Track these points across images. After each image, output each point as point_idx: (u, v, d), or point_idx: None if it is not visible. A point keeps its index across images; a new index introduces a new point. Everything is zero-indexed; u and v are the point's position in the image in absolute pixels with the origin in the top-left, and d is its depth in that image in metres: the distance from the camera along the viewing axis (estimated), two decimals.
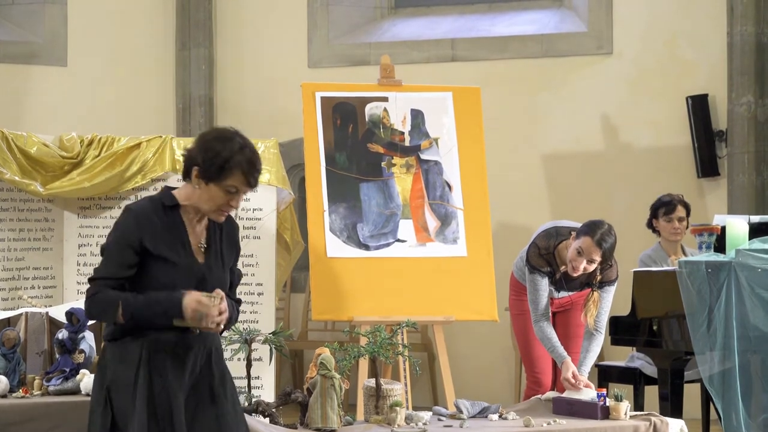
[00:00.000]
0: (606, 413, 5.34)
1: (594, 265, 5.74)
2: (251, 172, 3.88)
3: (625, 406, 5.34)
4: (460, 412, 5.38)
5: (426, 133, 7.14)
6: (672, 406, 5.99)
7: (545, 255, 5.92)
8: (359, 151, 7.03)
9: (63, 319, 5.74)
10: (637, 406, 6.50)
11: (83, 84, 9.49)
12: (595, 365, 6.30)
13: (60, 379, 5.56)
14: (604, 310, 5.89)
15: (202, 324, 3.84)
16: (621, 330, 6.33)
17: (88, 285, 3.89)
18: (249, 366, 5.35)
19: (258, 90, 9.59)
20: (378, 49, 9.13)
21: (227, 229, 4.04)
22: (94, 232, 6.85)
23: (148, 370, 3.85)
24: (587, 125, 9.03)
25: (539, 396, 5.83)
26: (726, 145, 8.64)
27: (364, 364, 6.28)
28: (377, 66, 7.35)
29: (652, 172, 8.80)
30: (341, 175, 6.95)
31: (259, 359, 6.27)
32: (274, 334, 5.45)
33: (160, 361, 3.86)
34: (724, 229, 6.04)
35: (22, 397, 5.52)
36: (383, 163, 7.04)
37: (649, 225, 6.86)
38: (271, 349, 5.44)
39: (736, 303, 5.53)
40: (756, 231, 6.12)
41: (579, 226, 5.81)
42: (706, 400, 6.69)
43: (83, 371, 5.55)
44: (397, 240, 6.92)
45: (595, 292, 5.83)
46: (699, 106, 8.67)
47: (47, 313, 5.87)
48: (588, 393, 5.55)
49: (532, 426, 5.19)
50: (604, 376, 6.76)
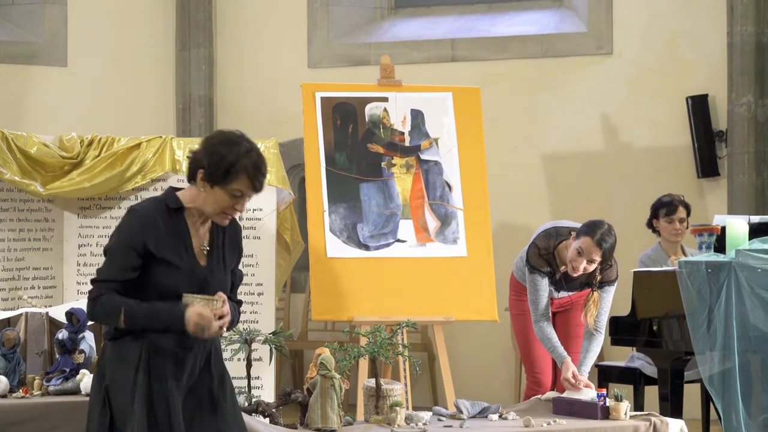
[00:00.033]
0: (606, 413, 5.33)
1: (594, 265, 5.74)
2: (257, 177, 3.87)
3: (625, 406, 5.33)
4: (460, 412, 5.38)
5: (426, 133, 7.14)
6: (672, 406, 5.99)
7: (545, 255, 5.92)
8: (359, 151, 7.03)
9: (63, 319, 5.73)
10: (637, 406, 6.50)
11: (83, 84, 9.48)
12: (595, 365, 6.30)
13: (60, 379, 5.55)
14: (604, 310, 5.89)
15: (204, 336, 3.86)
16: (621, 330, 6.33)
17: (91, 286, 3.89)
18: (249, 366, 5.34)
19: (258, 90, 9.59)
20: (378, 49, 9.13)
21: (230, 232, 4.04)
22: (94, 232, 6.85)
23: (148, 371, 3.85)
24: (587, 125, 9.03)
25: (539, 396, 5.83)
26: (726, 146, 8.64)
27: (364, 364, 6.27)
28: (377, 66, 7.35)
29: (652, 172, 8.80)
30: (341, 176, 6.95)
31: (259, 359, 6.27)
32: (274, 334, 5.44)
33: (159, 362, 3.86)
34: (724, 229, 6.04)
35: (22, 397, 5.51)
36: (383, 164, 7.04)
37: (649, 225, 6.86)
38: (271, 349, 5.44)
39: (736, 303, 5.53)
40: (756, 231, 6.12)
41: (579, 226, 5.81)
42: (706, 400, 6.69)
43: (83, 371, 5.55)
44: (397, 240, 6.91)
45: (595, 292, 5.83)
46: (699, 106, 8.67)
47: (47, 313, 5.87)
48: (588, 393, 5.55)
49: (532, 426, 5.18)
50: (604, 376, 6.75)
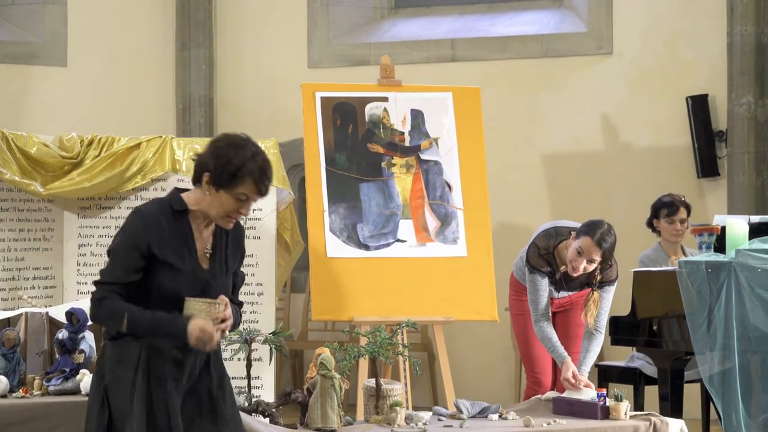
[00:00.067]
0: (606, 413, 5.33)
1: (594, 265, 5.74)
2: (262, 181, 3.87)
3: (625, 406, 5.33)
4: (460, 412, 5.38)
5: (426, 133, 7.14)
6: (672, 406, 5.99)
7: (545, 255, 5.92)
8: (359, 151, 7.03)
9: (63, 319, 5.74)
10: (637, 406, 6.50)
11: (83, 84, 9.48)
12: (595, 365, 6.30)
13: (60, 379, 5.55)
14: (604, 310, 5.89)
15: (205, 349, 3.86)
16: (621, 330, 6.33)
17: (94, 288, 3.89)
18: (249, 366, 5.34)
19: (258, 90, 9.59)
20: (378, 49, 9.13)
21: (233, 234, 4.03)
22: (94, 232, 6.86)
23: (147, 371, 3.85)
24: (587, 125, 9.03)
25: (539, 396, 5.83)
26: (726, 146, 8.64)
27: (364, 364, 6.27)
28: (377, 66, 7.35)
29: (652, 172, 8.80)
30: (341, 176, 6.94)
31: (259, 359, 6.27)
32: (274, 334, 5.44)
33: (159, 363, 3.86)
34: (724, 229, 6.04)
35: (22, 397, 5.51)
36: (383, 163, 7.04)
37: (650, 224, 6.85)
38: (271, 349, 5.44)
39: (736, 303, 5.52)
40: (756, 231, 6.11)
41: (579, 226, 5.81)
42: (706, 400, 6.68)
43: (83, 371, 5.55)
44: (397, 240, 6.91)
45: (595, 292, 5.83)
46: (699, 107, 8.67)
47: (47, 313, 5.87)
48: (588, 393, 5.54)
49: (532, 426, 5.18)
50: (604, 376, 6.75)
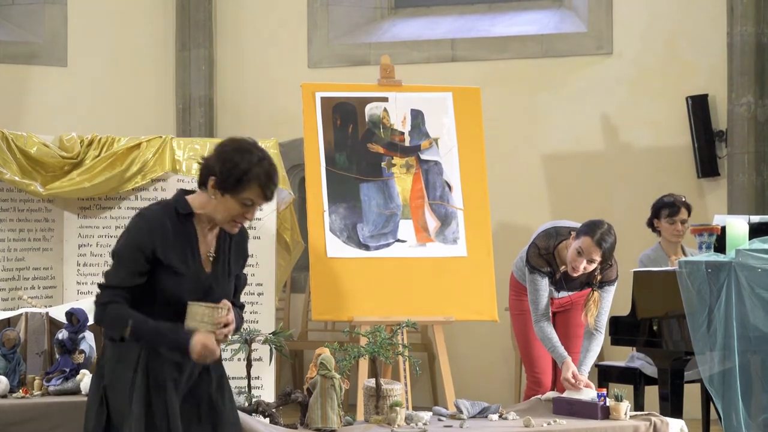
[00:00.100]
0: (606, 413, 5.33)
1: (594, 265, 5.74)
2: (268, 186, 3.87)
3: (625, 406, 5.33)
4: (460, 412, 5.38)
5: (426, 133, 7.14)
6: (672, 406, 5.99)
7: (545, 255, 5.92)
8: (359, 151, 7.03)
9: (63, 319, 5.74)
10: (637, 406, 6.50)
11: (83, 84, 9.48)
12: (595, 365, 6.30)
13: (60, 380, 5.55)
14: (604, 310, 5.89)
15: (206, 362, 3.87)
16: (621, 330, 6.33)
17: (95, 288, 3.88)
18: (249, 366, 5.34)
19: (258, 90, 9.59)
20: (378, 49, 9.13)
21: (237, 238, 4.03)
22: (94, 232, 6.85)
23: (146, 372, 3.85)
24: (587, 125, 9.02)
25: (539, 396, 5.83)
26: (726, 146, 8.64)
27: (364, 364, 6.27)
28: (377, 66, 7.35)
29: (652, 172, 8.80)
30: (341, 176, 6.94)
31: (259, 359, 6.27)
32: (274, 334, 5.44)
33: (158, 364, 3.86)
34: (724, 229, 6.04)
35: (22, 397, 5.51)
36: (383, 164, 7.04)
37: (650, 224, 6.85)
38: (271, 350, 5.44)
39: (736, 303, 5.52)
40: (756, 231, 6.11)
41: (579, 226, 5.81)
42: (706, 400, 6.68)
43: (83, 371, 5.55)
44: (397, 240, 6.91)
45: (595, 292, 5.83)
46: (699, 107, 8.67)
47: (47, 313, 5.87)
48: (588, 393, 5.54)
49: (532, 426, 5.18)
50: (604, 376, 6.75)
